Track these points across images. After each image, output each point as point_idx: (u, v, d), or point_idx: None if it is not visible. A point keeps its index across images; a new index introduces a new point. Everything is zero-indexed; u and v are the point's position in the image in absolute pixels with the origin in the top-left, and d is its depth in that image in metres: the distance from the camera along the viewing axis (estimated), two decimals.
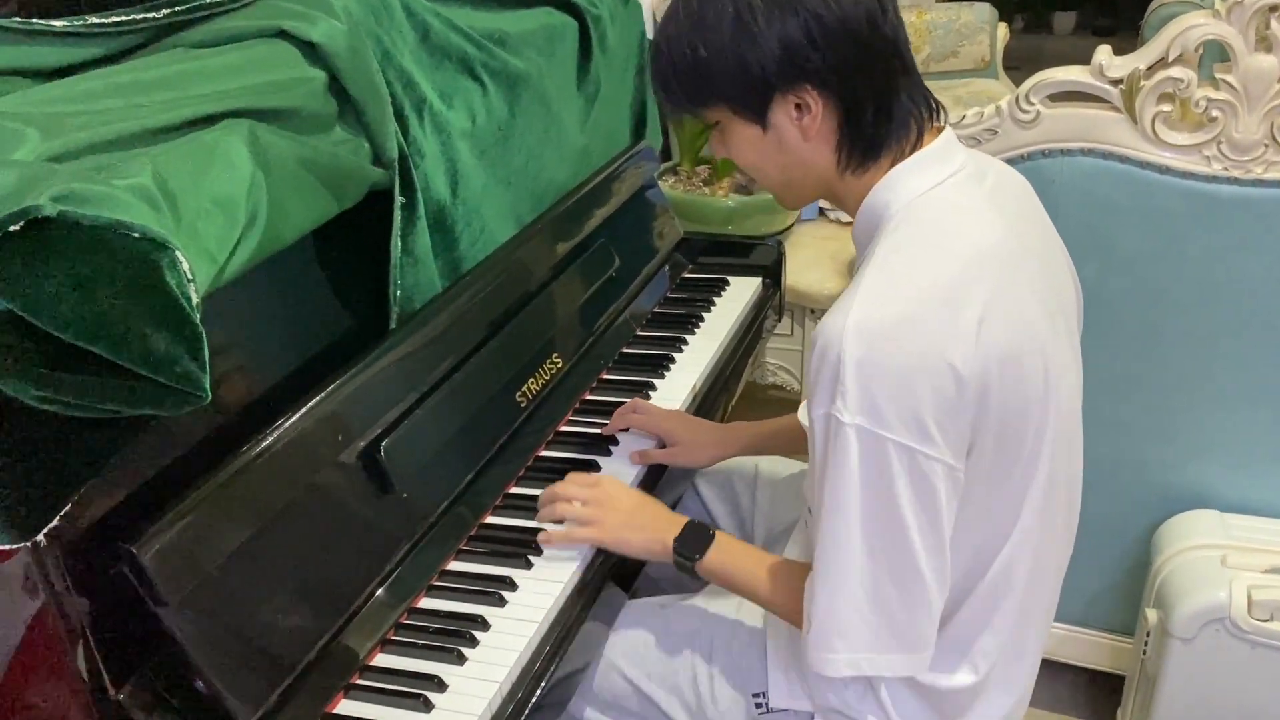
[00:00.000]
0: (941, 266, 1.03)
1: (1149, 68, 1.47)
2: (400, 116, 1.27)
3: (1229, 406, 1.66)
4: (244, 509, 1.03)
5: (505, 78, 1.49)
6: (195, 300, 0.87)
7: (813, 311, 2.28)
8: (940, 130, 1.13)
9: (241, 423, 1.10)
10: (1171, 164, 1.51)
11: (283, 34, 1.13)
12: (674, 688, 1.30)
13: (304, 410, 1.12)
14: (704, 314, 1.86)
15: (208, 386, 0.87)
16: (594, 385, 1.65)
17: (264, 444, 1.07)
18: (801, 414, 1.39)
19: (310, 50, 1.14)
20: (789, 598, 1.17)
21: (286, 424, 1.09)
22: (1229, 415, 1.66)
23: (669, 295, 1.94)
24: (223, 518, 1.01)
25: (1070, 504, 1.21)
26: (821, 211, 2.55)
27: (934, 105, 1.13)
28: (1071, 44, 6.98)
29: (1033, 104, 1.54)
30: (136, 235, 0.82)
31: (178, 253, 0.85)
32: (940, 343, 0.99)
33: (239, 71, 1.07)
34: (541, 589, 1.23)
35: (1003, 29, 4.06)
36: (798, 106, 1.06)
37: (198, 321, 0.86)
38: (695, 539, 1.25)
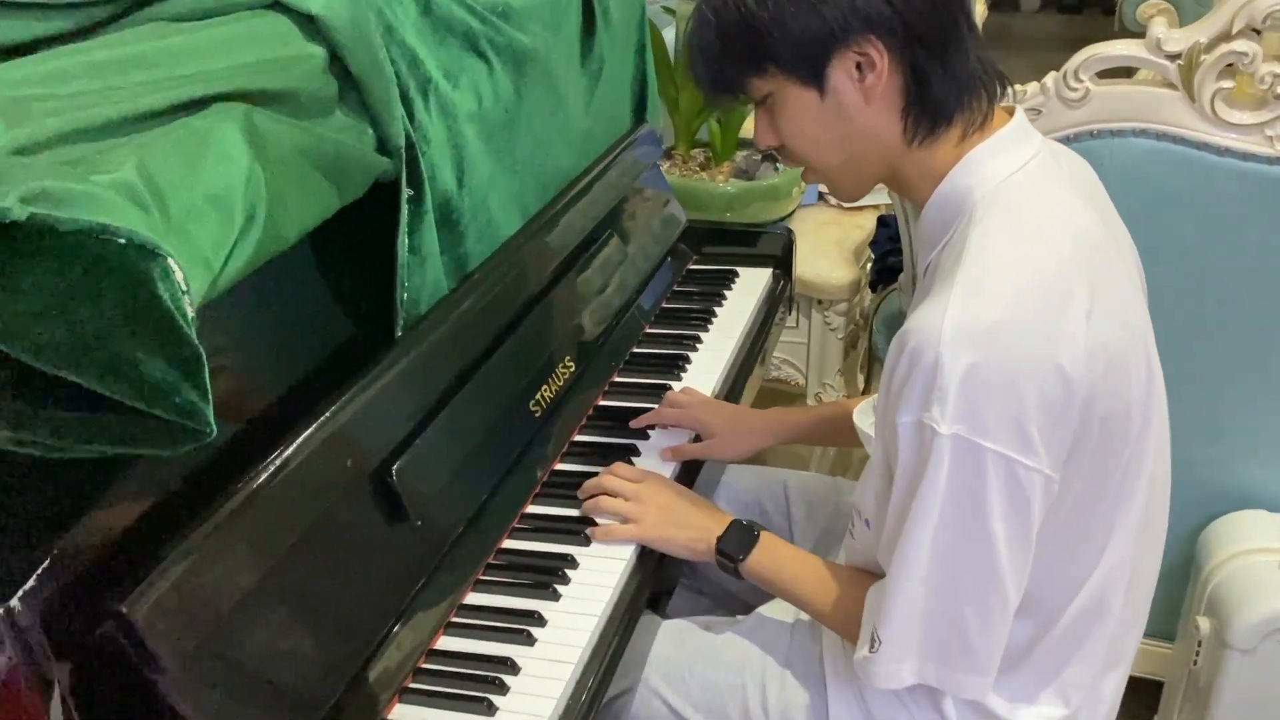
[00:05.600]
0: (1042, 257, 0.95)
1: (1210, 41, 1.36)
2: (405, 99, 1.13)
3: None
4: (244, 555, 0.90)
5: (511, 54, 1.35)
6: (191, 315, 0.74)
7: (820, 302, 2.17)
8: (1010, 111, 1.05)
9: (237, 452, 0.96)
10: (1232, 145, 1.41)
11: (277, 5, 0.99)
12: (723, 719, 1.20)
13: (307, 435, 0.98)
14: (716, 309, 1.74)
15: (211, 419, 0.74)
16: (606, 390, 1.53)
17: (264, 477, 0.93)
18: (858, 418, 1.28)
19: (308, 23, 0.99)
20: (839, 605, 1.12)
21: (288, 453, 0.96)
22: None
23: (676, 289, 1.82)
24: (221, 566, 0.87)
25: (1164, 515, 1.12)
26: (821, 196, 2.43)
27: (1002, 77, 1.04)
28: (1039, 22, 6.93)
29: (1081, 81, 1.43)
30: (123, 241, 0.69)
31: (170, 260, 0.72)
32: (1048, 343, 0.91)
33: (229, 48, 0.93)
34: (574, 623, 1.11)
35: (980, 5, 3.98)
36: (859, 66, 0.97)
37: (196, 342, 0.73)
38: (740, 539, 1.19)
